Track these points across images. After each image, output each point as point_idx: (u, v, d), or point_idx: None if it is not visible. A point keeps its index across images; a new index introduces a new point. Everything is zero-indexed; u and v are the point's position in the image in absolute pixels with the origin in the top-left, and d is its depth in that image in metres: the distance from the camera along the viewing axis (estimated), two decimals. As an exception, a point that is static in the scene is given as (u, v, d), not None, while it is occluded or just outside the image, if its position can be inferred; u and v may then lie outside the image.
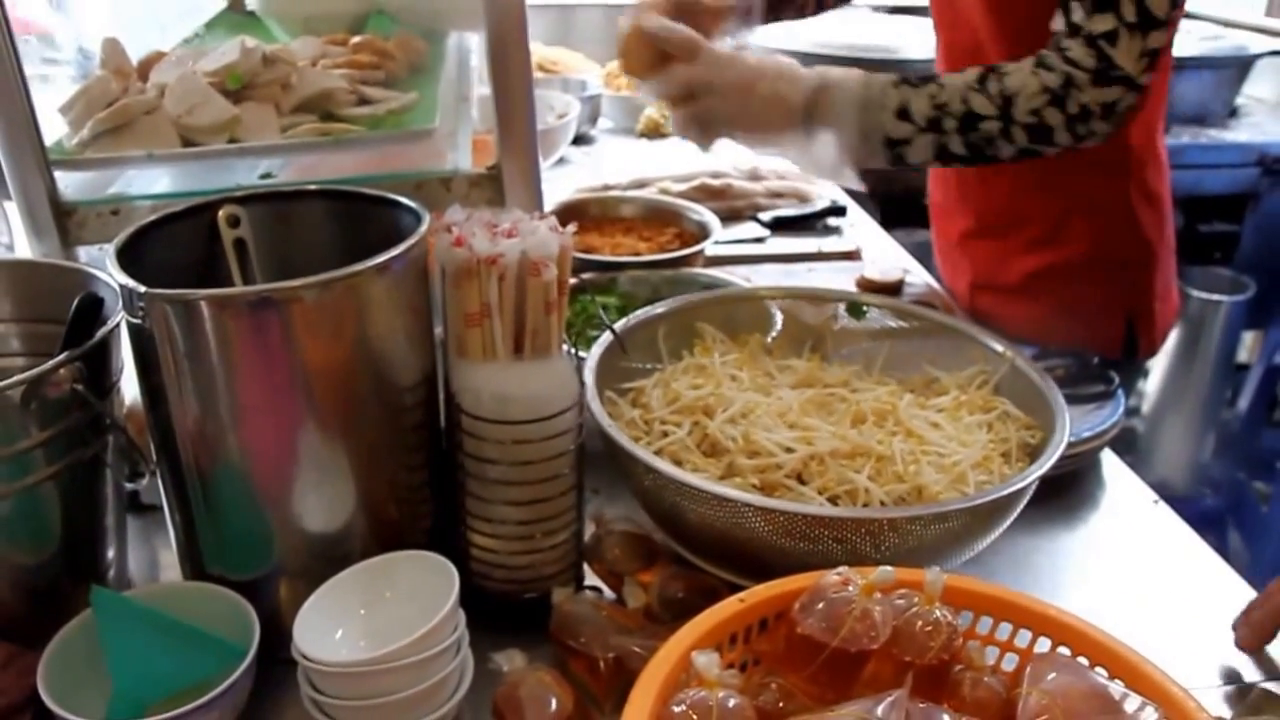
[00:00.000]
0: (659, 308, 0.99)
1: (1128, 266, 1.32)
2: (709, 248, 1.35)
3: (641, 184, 1.67)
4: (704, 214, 1.41)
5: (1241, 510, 2.44)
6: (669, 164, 1.82)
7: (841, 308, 1.03)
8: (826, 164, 1.08)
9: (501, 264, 0.74)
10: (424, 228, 0.77)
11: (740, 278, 1.22)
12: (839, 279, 1.44)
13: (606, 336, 0.93)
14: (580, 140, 2.06)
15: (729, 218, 1.62)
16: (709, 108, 1.07)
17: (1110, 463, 1.07)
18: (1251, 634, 0.82)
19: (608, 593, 0.84)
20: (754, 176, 1.72)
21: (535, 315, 0.76)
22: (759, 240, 1.59)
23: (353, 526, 0.76)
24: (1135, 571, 0.93)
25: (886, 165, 1.08)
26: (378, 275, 0.72)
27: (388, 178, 0.92)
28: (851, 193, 1.83)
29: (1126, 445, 2.52)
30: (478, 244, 0.74)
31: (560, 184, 1.73)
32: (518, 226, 0.77)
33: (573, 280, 1.07)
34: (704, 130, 1.09)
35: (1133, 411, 2.53)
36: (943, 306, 1.35)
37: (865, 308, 1.03)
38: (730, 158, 1.85)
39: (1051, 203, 1.31)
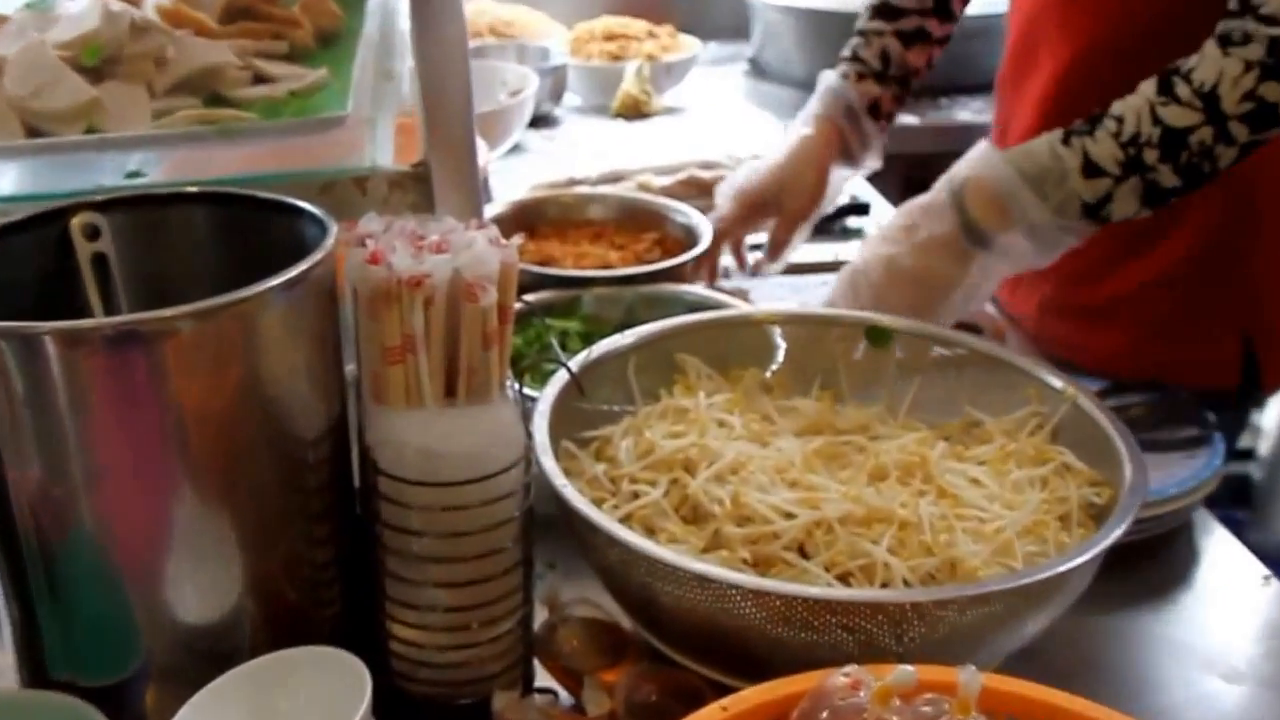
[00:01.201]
0: (629, 336, 1.00)
1: (1241, 260, 1.33)
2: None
3: (616, 177, 1.69)
4: (692, 215, 1.42)
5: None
6: (651, 152, 1.83)
7: (861, 334, 1.04)
8: (1028, 261, 1.14)
9: (428, 286, 0.75)
10: (331, 241, 0.78)
11: (736, 296, 1.23)
12: (862, 296, 1.45)
13: (563, 373, 0.94)
14: (540, 122, 2.07)
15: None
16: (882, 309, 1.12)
17: (1206, 526, 1.08)
18: None
19: (563, 696, 0.84)
20: (755, 166, 1.74)
21: (471, 350, 0.77)
22: (760, 247, 1.60)
23: (240, 616, 0.77)
24: (1236, 671, 0.93)
25: (1083, 237, 1.12)
26: (273, 301, 0.72)
27: (288, 177, 0.92)
28: (879, 186, 1.85)
29: (1236, 500, 2.51)
30: (399, 261, 0.75)
31: (514, 178, 1.74)
32: (449, 239, 0.78)
33: (521, 303, 1.07)
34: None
35: (1246, 455, 2.53)
36: (991, 330, 1.36)
37: (891, 334, 1.04)
38: (727, 143, 1.86)
39: None
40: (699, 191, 1.64)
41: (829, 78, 1.44)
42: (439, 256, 0.76)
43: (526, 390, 0.88)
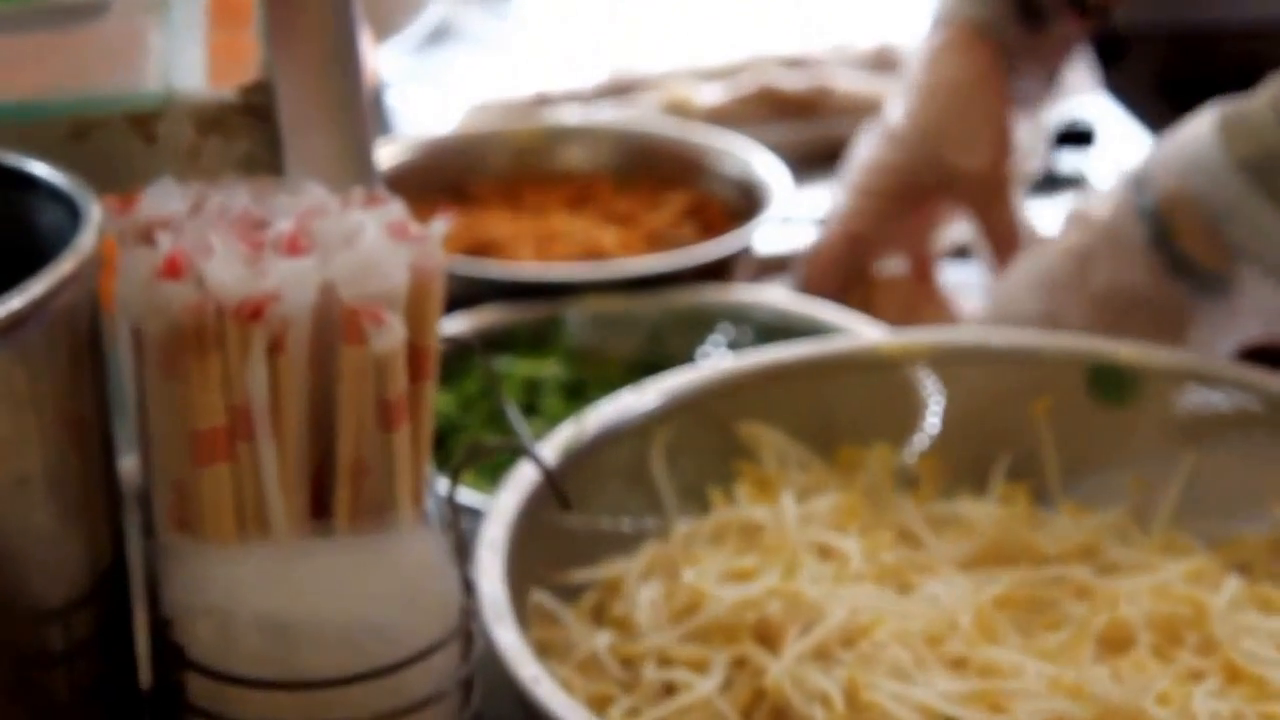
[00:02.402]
0: (651, 392, 1.01)
1: None
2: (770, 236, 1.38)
3: (624, 88, 1.71)
4: (754, 159, 1.43)
5: None
6: (690, 41, 1.86)
7: (1081, 378, 1.05)
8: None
9: (276, 317, 0.75)
10: (91, 236, 0.77)
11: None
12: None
13: (527, 466, 0.94)
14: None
15: (826, 159, 1.64)
16: None
17: None
18: None
19: None
20: (883, 63, 1.74)
21: (360, 432, 0.78)
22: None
23: None
24: None
25: None
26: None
27: (7, 114, 0.93)
28: (1120, 91, 1.85)
29: None
30: (220, 272, 0.75)
31: (435, 96, 1.77)
32: (314, 227, 0.79)
33: (448, 342, 1.08)
34: None
35: None
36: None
37: (1134, 378, 1.04)
38: (829, 23, 1.87)
39: None
40: (778, 112, 1.65)
41: None
42: (294, 261, 0.76)
43: (464, 499, 0.89)
